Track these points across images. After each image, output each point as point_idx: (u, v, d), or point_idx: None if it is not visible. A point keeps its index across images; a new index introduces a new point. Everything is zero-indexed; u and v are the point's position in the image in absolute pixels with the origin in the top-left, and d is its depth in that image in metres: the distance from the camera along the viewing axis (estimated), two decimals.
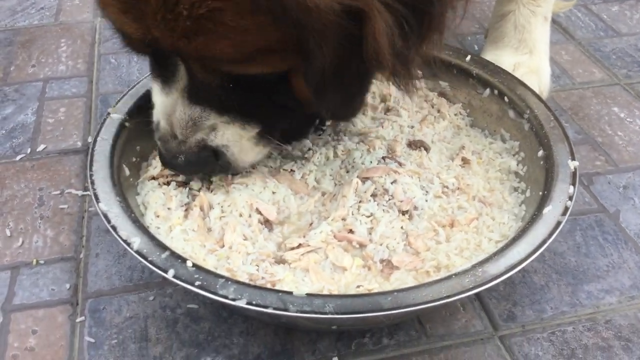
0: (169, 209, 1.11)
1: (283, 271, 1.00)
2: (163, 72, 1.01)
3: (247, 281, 0.96)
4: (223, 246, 1.04)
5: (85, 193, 1.32)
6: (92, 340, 1.05)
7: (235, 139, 1.07)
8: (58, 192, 1.32)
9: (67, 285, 1.14)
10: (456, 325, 1.08)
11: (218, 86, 0.98)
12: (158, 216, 1.10)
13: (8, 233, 1.23)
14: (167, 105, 1.03)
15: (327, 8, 0.83)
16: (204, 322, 1.08)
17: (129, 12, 0.89)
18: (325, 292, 0.97)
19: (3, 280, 1.14)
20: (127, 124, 1.21)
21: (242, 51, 0.89)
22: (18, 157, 1.41)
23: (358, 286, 0.99)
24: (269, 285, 0.96)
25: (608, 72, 1.73)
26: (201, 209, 1.10)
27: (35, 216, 1.27)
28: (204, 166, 1.10)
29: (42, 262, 1.18)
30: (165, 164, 1.11)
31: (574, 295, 1.14)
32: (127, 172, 1.16)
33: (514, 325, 1.09)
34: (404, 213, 1.12)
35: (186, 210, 1.11)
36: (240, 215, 1.09)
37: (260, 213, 1.10)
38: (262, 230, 1.08)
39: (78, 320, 1.08)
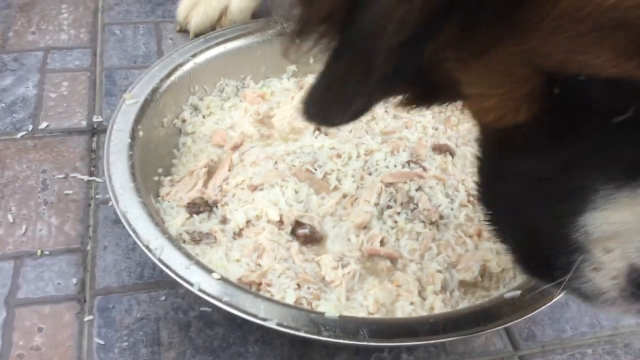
0: None
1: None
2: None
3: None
4: None
5: (91, 178, 1.25)
6: (102, 342, 1.00)
7: None
8: (62, 175, 1.26)
9: (74, 280, 1.08)
10: (476, 343, 1.06)
11: None
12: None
13: (11, 219, 1.17)
14: None
15: None
16: (217, 327, 1.04)
17: None
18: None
19: (6, 272, 1.08)
20: None
21: None
22: (19, 135, 1.34)
23: (398, 295, 0.97)
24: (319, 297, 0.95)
25: None
26: None
27: (38, 201, 1.21)
28: None
29: (47, 252, 1.12)
30: None
31: (593, 316, 1.12)
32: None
33: (534, 345, 1.06)
34: (432, 223, 1.09)
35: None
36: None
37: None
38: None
39: (86, 319, 1.03)
